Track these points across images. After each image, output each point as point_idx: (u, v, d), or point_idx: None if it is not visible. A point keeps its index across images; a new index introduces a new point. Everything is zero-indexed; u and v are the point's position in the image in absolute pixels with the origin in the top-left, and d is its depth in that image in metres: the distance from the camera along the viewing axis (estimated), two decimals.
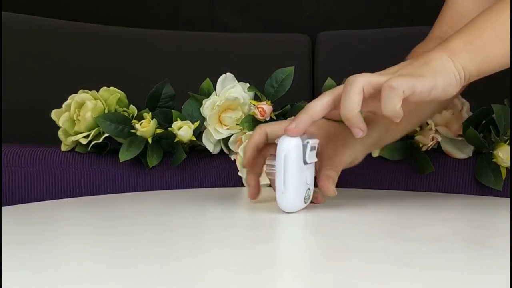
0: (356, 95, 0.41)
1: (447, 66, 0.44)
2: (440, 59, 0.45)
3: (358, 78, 0.42)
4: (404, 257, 0.33)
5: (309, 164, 0.44)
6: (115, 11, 1.19)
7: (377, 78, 0.43)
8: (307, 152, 0.43)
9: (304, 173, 0.44)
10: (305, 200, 0.45)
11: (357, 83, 0.42)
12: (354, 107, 0.41)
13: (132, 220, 0.44)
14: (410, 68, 0.44)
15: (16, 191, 0.66)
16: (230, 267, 0.30)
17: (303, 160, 0.44)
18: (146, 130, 0.65)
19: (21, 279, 0.28)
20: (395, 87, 0.41)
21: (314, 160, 0.45)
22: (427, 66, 0.44)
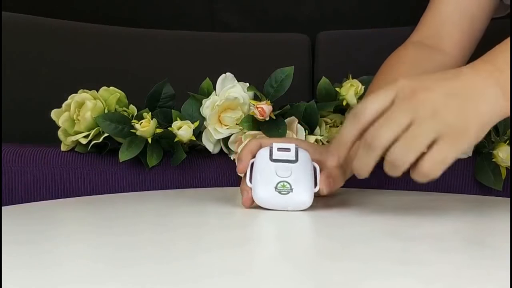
0: (374, 161, 0.40)
1: (495, 101, 0.40)
2: (490, 91, 0.40)
3: (381, 141, 0.39)
4: (404, 257, 0.33)
5: (281, 162, 0.48)
6: (115, 11, 1.19)
7: (404, 151, 0.38)
8: (273, 152, 0.49)
9: (272, 167, 0.48)
10: (280, 191, 0.46)
11: (378, 148, 0.39)
12: (369, 170, 0.41)
13: (132, 219, 0.44)
14: (452, 111, 0.38)
15: (16, 191, 0.66)
16: (230, 267, 0.30)
17: (270, 159, 0.48)
18: (146, 130, 0.65)
19: (21, 279, 0.28)
20: (428, 174, 0.39)
21: (287, 158, 0.48)
22: (475, 113, 0.39)
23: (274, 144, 0.49)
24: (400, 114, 0.39)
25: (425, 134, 0.38)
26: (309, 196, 0.47)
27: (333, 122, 0.71)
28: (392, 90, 0.40)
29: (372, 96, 0.41)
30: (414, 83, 0.40)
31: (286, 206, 0.47)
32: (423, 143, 0.38)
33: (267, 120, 0.65)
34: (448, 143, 0.38)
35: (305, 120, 0.67)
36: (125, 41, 1.08)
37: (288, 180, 0.47)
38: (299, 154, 0.49)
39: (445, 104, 0.39)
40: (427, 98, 0.39)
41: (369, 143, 0.39)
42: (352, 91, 0.69)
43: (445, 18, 0.63)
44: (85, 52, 1.05)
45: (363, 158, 0.40)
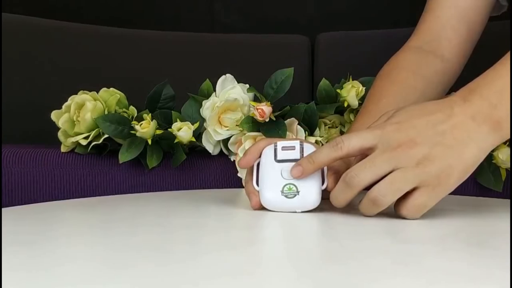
0: (351, 196, 0.42)
1: (485, 141, 0.41)
2: (480, 132, 0.40)
3: (360, 182, 0.41)
4: (404, 258, 0.33)
5: (286, 162, 0.47)
6: (116, 13, 1.19)
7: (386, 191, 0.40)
8: (278, 151, 0.47)
9: (278, 169, 0.47)
10: (286, 194, 0.46)
11: (357, 187, 0.41)
12: (344, 203, 0.43)
13: (131, 221, 0.44)
14: (435, 162, 0.40)
15: (16, 192, 0.66)
16: (230, 268, 0.30)
17: (275, 159, 0.47)
18: (145, 131, 0.65)
19: (21, 280, 0.28)
20: (408, 216, 0.42)
21: (292, 157, 0.47)
22: (459, 160, 0.40)
23: (279, 143, 0.48)
24: (383, 163, 0.41)
25: (407, 181, 0.40)
26: (317, 196, 0.46)
27: (332, 123, 0.71)
28: (377, 136, 0.42)
29: (358, 134, 0.43)
30: (399, 135, 0.41)
31: (294, 209, 0.46)
32: (404, 189, 0.41)
33: (267, 121, 0.65)
34: (428, 191, 0.41)
35: (305, 121, 0.67)
36: (125, 43, 1.08)
37: (294, 182, 0.46)
38: (304, 151, 0.48)
39: (429, 155, 0.40)
40: (411, 152, 0.40)
41: (348, 181, 0.42)
42: (353, 92, 0.69)
43: (444, 23, 0.63)
44: (86, 53, 1.05)
45: (340, 193, 0.43)
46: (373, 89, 0.62)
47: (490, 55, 0.88)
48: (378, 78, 0.63)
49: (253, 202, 0.47)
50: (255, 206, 0.47)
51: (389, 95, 0.60)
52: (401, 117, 0.42)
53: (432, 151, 0.40)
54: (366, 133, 0.43)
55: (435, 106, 0.43)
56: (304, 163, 0.45)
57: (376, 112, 0.56)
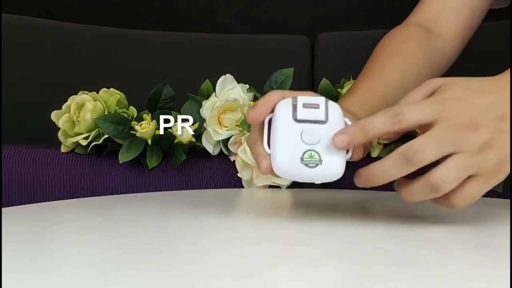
0: (403, 174, 0.38)
1: None
2: None
3: (424, 160, 0.36)
4: (404, 258, 0.33)
5: (308, 123, 0.40)
6: (116, 13, 1.19)
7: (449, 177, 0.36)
8: (298, 109, 0.40)
9: (297, 131, 0.39)
10: (307, 163, 0.39)
11: (419, 164, 0.37)
12: (391, 180, 0.38)
13: (131, 221, 0.44)
14: (495, 150, 0.37)
15: (15, 192, 0.66)
16: (230, 268, 0.30)
17: (294, 118, 0.40)
18: (145, 131, 0.65)
19: (21, 281, 0.28)
20: (456, 205, 0.38)
21: (315, 118, 0.40)
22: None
23: (299, 98, 0.40)
24: (447, 142, 0.37)
25: (468, 169, 0.37)
26: (341, 166, 0.39)
27: None
28: (438, 111, 0.38)
29: (417, 106, 0.38)
30: (462, 114, 0.38)
31: (313, 179, 0.39)
32: (463, 177, 0.38)
33: None
34: (484, 181, 0.38)
35: None
36: (125, 43, 1.08)
37: (317, 148, 0.39)
38: (329, 110, 0.40)
39: (490, 142, 0.38)
40: (474, 135, 0.37)
41: (410, 156, 0.37)
42: None
43: (446, 4, 0.62)
44: (86, 54, 1.05)
45: (395, 168, 0.37)
46: (375, 56, 0.59)
47: (490, 55, 0.89)
48: (380, 47, 0.61)
49: (264, 165, 0.40)
50: (266, 171, 0.40)
51: (392, 64, 0.57)
52: (458, 93, 0.39)
53: (494, 137, 0.37)
54: (426, 106, 0.38)
55: (491, 85, 0.39)
56: (353, 132, 0.38)
57: (380, 81, 0.54)
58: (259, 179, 0.64)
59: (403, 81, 0.56)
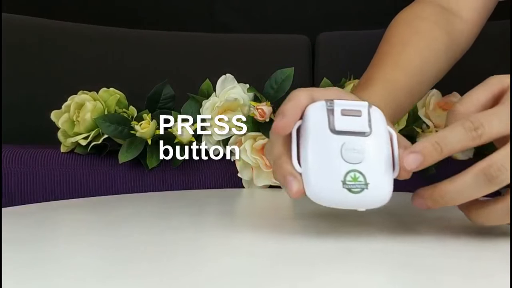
0: (482, 195, 0.32)
1: None
2: None
3: (505, 178, 0.31)
4: (405, 259, 0.32)
5: (349, 136, 0.32)
6: (115, 13, 1.19)
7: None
8: (336, 116, 0.32)
9: (337, 145, 0.32)
10: (350, 187, 0.32)
11: (501, 185, 0.32)
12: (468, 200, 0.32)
13: (131, 221, 0.44)
14: None
15: (15, 192, 0.66)
16: (230, 268, 0.30)
17: (331, 128, 0.32)
18: (145, 131, 0.65)
19: (21, 280, 0.28)
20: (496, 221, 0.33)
21: (357, 128, 0.32)
22: None
23: (337, 103, 0.32)
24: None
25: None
26: (390, 189, 0.33)
27: None
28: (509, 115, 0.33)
29: (497, 115, 0.33)
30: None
31: (358, 206, 0.33)
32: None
33: (267, 121, 0.65)
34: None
35: None
36: (124, 42, 1.08)
37: (361, 168, 0.32)
38: (372, 118, 0.33)
39: None
40: None
41: (493, 175, 0.32)
42: None
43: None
44: (85, 53, 1.05)
45: (473, 188, 0.32)
46: (392, 36, 0.54)
47: (489, 56, 0.88)
48: (393, 27, 0.55)
49: (295, 189, 0.32)
50: (297, 194, 0.32)
51: (410, 48, 0.51)
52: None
53: None
54: (506, 115, 0.33)
55: None
56: (428, 150, 0.32)
57: (400, 69, 0.48)
58: (259, 179, 0.64)
59: (424, 67, 0.51)
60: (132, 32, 1.09)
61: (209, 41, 1.10)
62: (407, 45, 0.51)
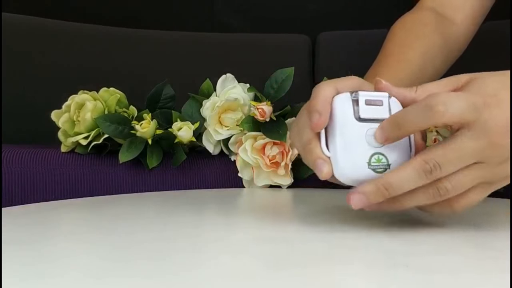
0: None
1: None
2: None
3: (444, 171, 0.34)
4: (405, 259, 0.33)
5: (372, 123, 0.36)
6: (116, 12, 1.19)
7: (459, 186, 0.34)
8: (360, 106, 0.36)
9: (362, 131, 0.36)
10: (374, 168, 0.36)
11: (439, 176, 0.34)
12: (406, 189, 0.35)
13: (132, 220, 0.44)
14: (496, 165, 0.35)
15: (15, 192, 0.66)
16: (230, 268, 0.30)
17: (356, 117, 0.36)
18: (146, 131, 0.65)
19: (21, 280, 0.28)
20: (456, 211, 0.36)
21: (379, 116, 0.36)
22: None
23: (361, 94, 0.37)
24: (470, 156, 0.35)
25: (481, 180, 0.36)
26: None
27: None
28: (478, 110, 0.35)
29: (458, 98, 0.35)
30: (499, 118, 0.35)
31: None
32: (473, 185, 0.36)
33: (267, 121, 0.65)
34: (489, 188, 0.37)
35: None
36: (125, 42, 1.08)
37: (383, 151, 0.36)
38: (391, 107, 0.37)
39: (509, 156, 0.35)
40: (502, 150, 0.35)
41: (428, 170, 0.34)
42: None
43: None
44: (85, 53, 1.05)
45: (415, 180, 0.35)
46: (396, 38, 0.59)
47: (489, 56, 0.88)
48: (397, 30, 0.60)
49: (325, 170, 0.36)
50: (327, 176, 0.37)
51: (414, 47, 0.57)
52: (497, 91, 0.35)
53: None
54: (467, 101, 0.34)
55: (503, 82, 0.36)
56: (388, 128, 0.35)
57: (405, 65, 0.54)
58: (260, 179, 0.64)
59: (423, 67, 0.57)
60: (133, 32, 1.09)
61: (209, 40, 1.10)
62: (409, 47, 0.57)
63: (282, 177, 0.63)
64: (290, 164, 0.63)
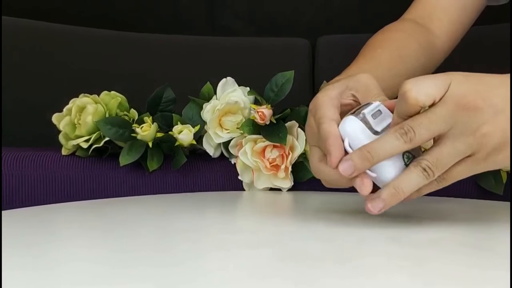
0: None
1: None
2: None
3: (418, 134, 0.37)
4: (406, 262, 0.33)
5: (386, 130, 0.40)
6: (116, 16, 1.19)
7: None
8: (370, 121, 0.40)
9: None
10: (407, 163, 0.40)
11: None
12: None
13: (132, 223, 0.44)
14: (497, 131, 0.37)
15: (16, 195, 0.66)
16: (230, 271, 0.30)
17: (373, 132, 0.40)
18: (146, 134, 0.65)
19: (21, 283, 0.28)
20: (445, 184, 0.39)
21: (387, 122, 0.40)
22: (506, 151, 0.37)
23: (366, 113, 0.40)
24: (443, 121, 0.37)
25: (462, 153, 0.38)
26: None
27: None
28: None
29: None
30: (467, 92, 0.37)
31: None
32: (451, 159, 0.38)
33: (267, 124, 0.65)
34: (475, 162, 0.38)
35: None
36: (126, 46, 1.08)
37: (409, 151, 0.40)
38: (385, 110, 0.41)
39: (493, 123, 0.37)
40: (467, 111, 0.37)
41: (406, 132, 0.38)
42: None
43: (436, 3, 0.65)
44: (86, 57, 1.05)
45: (389, 143, 0.38)
46: (369, 43, 0.63)
47: (489, 56, 0.89)
48: (375, 35, 0.64)
49: (367, 188, 0.40)
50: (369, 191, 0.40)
51: (385, 47, 0.60)
52: (465, 73, 0.39)
53: (494, 119, 0.37)
54: (434, 78, 0.38)
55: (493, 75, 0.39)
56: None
57: (373, 62, 0.58)
58: (260, 182, 0.64)
59: (395, 66, 0.59)
60: (133, 36, 1.10)
61: (210, 44, 1.10)
62: (381, 48, 0.60)
63: (282, 180, 0.64)
64: (290, 167, 0.63)
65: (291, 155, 0.63)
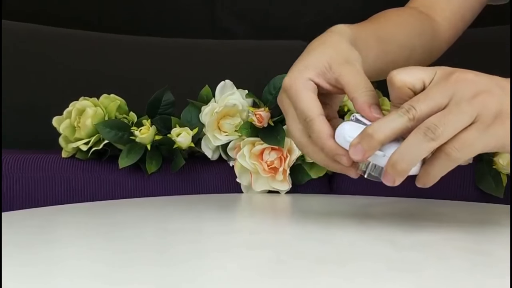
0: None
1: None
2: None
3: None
4: (403, 265, 0.33)
5: None
6: (117, 19, 1.20)
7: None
8: (365, 121, 0.40)
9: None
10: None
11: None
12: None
13: (131, 225, 0.44)
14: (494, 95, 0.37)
15: (16, 197, 0.67)
16: (229, 273, 0.31)
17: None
18: (145, 136, 0.66)
19: (21, 284, 0.28)
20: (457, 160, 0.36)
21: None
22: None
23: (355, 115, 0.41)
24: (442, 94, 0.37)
25: (462, 118, 0.36)
26: None
27: None
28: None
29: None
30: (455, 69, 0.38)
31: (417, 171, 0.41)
32: (460, 122, 0.37)
33: (265, 127, 0.65)
34: (482, 128, 0.37)
35: None
36: (126, 49, 1.09)
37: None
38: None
39: (490, 90, 0.37)
40: (462, 81, 0.37)
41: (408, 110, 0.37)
42: None
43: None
44: (87, 60, 1.06)
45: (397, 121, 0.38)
46: (371, 18, 0.62)
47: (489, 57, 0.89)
48: (376, 15, 0.63)
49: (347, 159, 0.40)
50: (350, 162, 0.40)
51: (384, 24, 0.59)
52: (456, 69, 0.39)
53: (493, 90, 0.37)
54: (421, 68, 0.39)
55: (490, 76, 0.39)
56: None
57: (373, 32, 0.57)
58: (258, 184, 0.64)
59: (396, 38, 0.58)
60: (133, 39, 1.10)
61: (208, 47, 1.10)
62: (383, 18, 0.60)
63: (280, 182, 0.64)
64: (288, 169, 0.64)
65: (289, 157, 0.63)
